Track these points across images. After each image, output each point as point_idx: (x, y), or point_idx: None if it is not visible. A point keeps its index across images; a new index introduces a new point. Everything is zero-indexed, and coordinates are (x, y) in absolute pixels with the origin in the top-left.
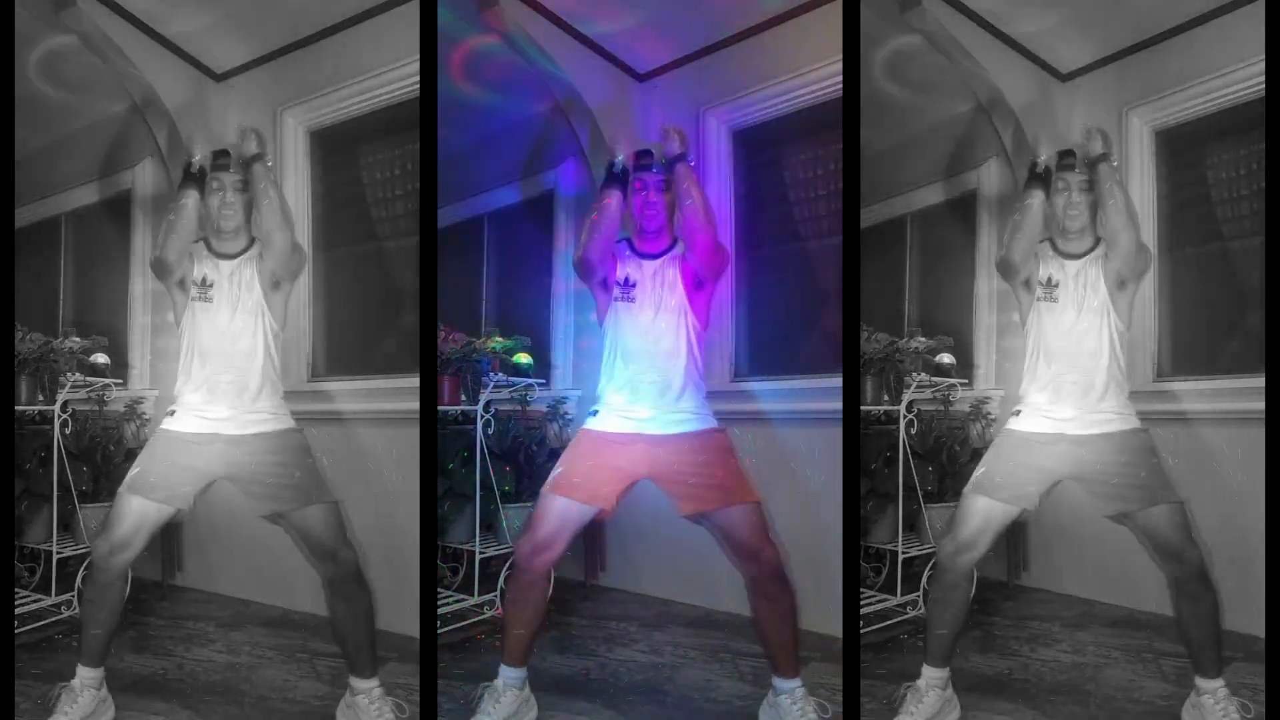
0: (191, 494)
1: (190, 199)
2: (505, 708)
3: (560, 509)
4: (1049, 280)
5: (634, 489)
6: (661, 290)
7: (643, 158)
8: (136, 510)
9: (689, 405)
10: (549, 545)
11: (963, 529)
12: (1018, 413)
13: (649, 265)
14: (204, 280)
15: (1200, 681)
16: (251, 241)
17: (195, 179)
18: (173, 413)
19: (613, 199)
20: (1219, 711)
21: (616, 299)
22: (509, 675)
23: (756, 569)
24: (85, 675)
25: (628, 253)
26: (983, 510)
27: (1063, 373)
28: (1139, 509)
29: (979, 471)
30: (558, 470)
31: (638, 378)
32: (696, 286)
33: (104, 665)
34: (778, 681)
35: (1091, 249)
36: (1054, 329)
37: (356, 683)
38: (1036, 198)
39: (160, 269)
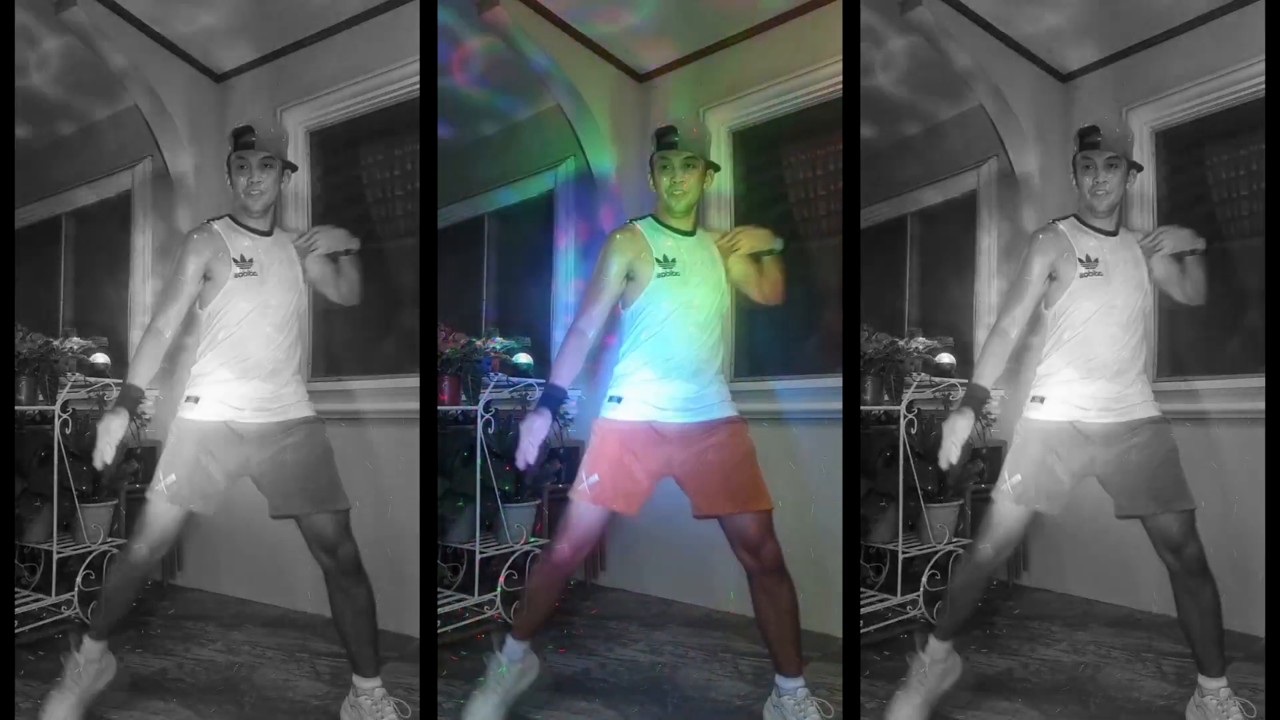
0: (218, 502)
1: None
2: (509, 680)
3: (594, 514)
4: (1089, 258)
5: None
6: (705, 267)
7: (666, 134)
8: (168, 515)
9: (716, 389)
10: (584, 547)
11: (999, 531)
12: (1040, 400)
13: (687, 241)
14: (243, 258)
15: (1203, 681)
16: (278, 223)
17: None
18: (196, 400)
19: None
20: (1221, 712)
21: (660, 275)
22: (514, 649)
23: (757, 565)
24: (90, 649)
25: (661, 229)
26: (1019, 516)
27: (1096, 350)
28: (1157, 513)
29: (1014, 479)
30: (593, 477)
31: (670, 355)
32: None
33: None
34: (780, 680)
35: (1121, 228)
36: (1095, 304)
37: (359, 682)
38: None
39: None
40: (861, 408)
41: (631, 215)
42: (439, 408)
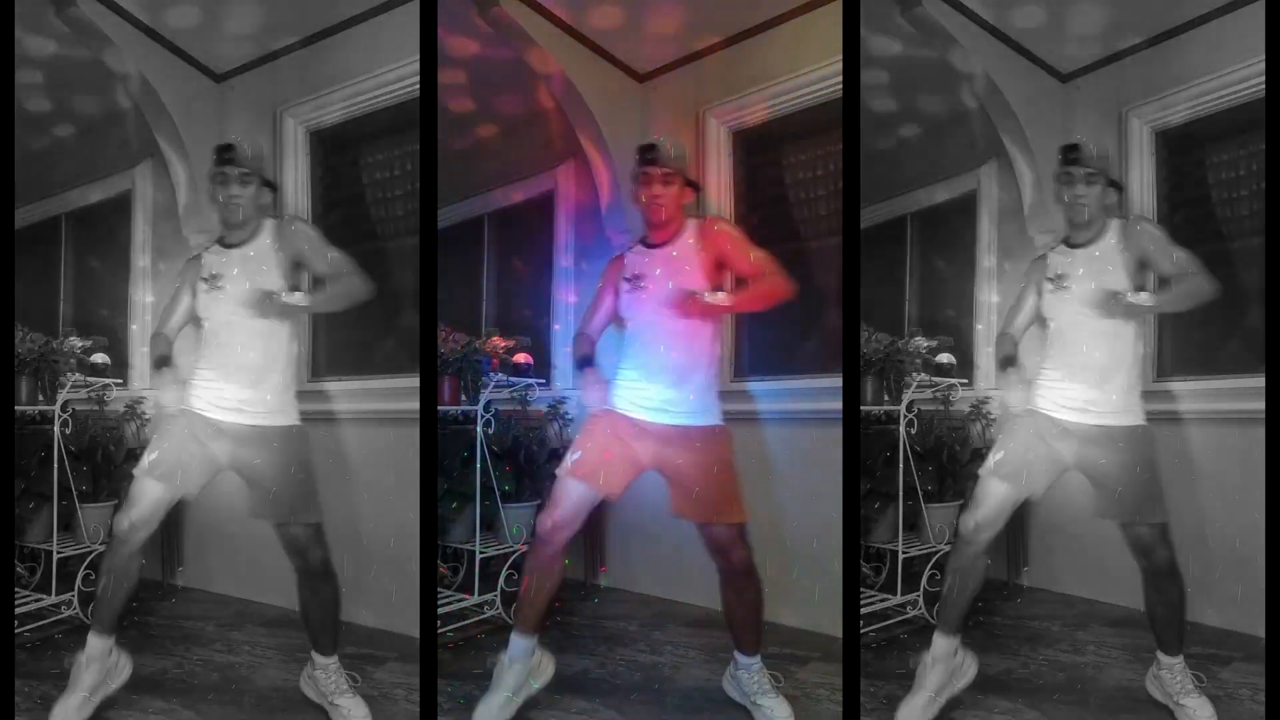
0: (200, 483)
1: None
2: (516, 677)
3: (578, 491)
4: (1057, 275)
5: (639, 479)
6: (672, 278)
7: (647, 151)
8: (152, 493)
9: (697, 396)
10: (568, 524)
11: (982, 509)
12: (1034, 383)
13: (658, 254)
14: (211, 274)
15: (1162, 657)
16: (258, 230)
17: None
18: (188, 391)
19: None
20: (1177, 684)
21: (627, 292)
22: (519, 645)
23: (727, 567)
24: (95, 646)
25: (639, 248)
26: (1001, 493)
27: (1073, 357)
28: (1132, 519)
29: (997, 455)
30: (576, 453)
31: (650, 361)
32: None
33: (114, 634)
34: (740, 657)
35: (1097, 237)
36: (1066, 315)
37: (318, 658)
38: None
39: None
40: (861, 408)
41: (629, 214)
42: (439, 408)
